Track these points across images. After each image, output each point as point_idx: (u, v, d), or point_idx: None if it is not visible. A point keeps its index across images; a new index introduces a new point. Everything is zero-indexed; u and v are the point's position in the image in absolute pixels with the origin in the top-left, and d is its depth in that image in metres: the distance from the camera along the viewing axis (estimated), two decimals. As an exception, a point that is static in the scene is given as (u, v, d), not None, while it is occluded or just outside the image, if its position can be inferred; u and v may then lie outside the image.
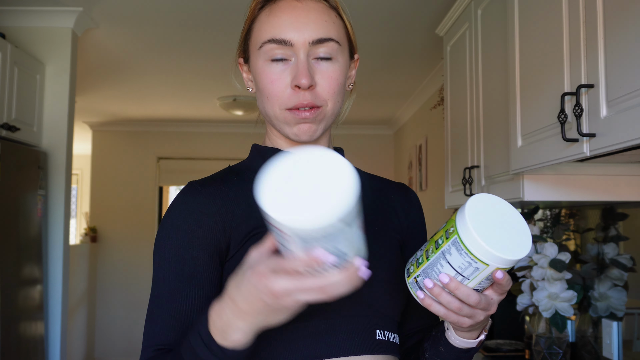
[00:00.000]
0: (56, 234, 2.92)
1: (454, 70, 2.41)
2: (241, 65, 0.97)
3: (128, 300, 5.97)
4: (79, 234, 7.51)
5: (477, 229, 0.70)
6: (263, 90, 0.88)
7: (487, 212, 0.73)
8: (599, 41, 1.16)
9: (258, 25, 0.90)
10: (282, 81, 0.86)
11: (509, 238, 0.72)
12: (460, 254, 0.71)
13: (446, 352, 0.87)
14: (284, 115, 0.87)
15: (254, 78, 0.92)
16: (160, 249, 0.84)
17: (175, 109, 5.41)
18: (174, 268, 0.82)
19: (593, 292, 1.90)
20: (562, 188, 1.61)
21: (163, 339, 0.81)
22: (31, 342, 2.70)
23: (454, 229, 0.71)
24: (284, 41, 0.85)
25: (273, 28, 0.86)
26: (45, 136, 2.94)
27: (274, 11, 0.88)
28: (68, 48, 2.96)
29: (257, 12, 0.91)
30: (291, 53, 0.86)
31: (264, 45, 0.87)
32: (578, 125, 1.20)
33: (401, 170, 5.59)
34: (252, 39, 0.91)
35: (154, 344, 0.82)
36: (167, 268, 0.83)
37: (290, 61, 0.86)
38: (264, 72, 0.87)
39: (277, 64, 0.86)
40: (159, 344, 0.82)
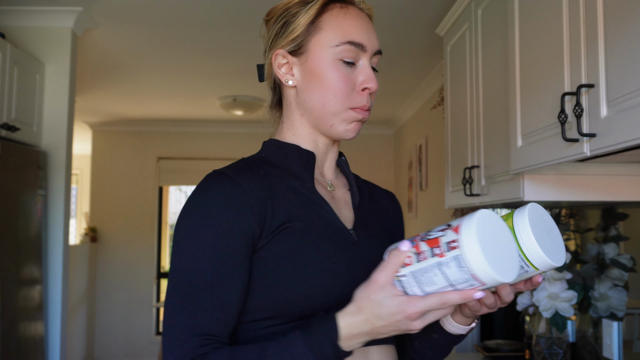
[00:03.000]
0: (56, 234, 2.91)
1: (454, 70, 2.41)
2: (281, 57, 0.94)
3: (128, 300, 5.97)
4: (79, 234, 7.51)
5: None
6: (330, 86, 0.90)
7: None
8: (599, 41, 1.16)
9: (331, 23, 0.91)
10: (350, 82, 0.91)
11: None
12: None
13: (439, 338, 0.93)
14: (347, 113, 0.91)
15: (312, 74, 0.92)
16: (194, 237, 0.82)
17: (175, 109, 5.41)
18: (214, 258, 0.82)
19: (593, 292, 1.90)
20: (562, 188, 1.60)
21: (208, 329, 0.80)
22: (31, 342, 2.70)
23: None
24: (361, 45, 0.91)
25: (351, 31, 0.90)
26: (45, 136, 2.93)
27: (348, 14, 0.92)
28: (68, 48, 2.96)
29: (324, 9, 0.92)
30: (359, 58, 0.91)
31: (341, 45, 0.90)
32: (578, 125, 1.20)
33: (401, 170, 5.59)
34: (321, 36, 0.91)
35: (199, 333, 0.80)
36: (205, 257, 0.81)
37: (356, 66, 0.92)
38: (335, 70, 0.90)
39: (346, 66, 0.91)
40: (205, 334, 0.80)
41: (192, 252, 0.82)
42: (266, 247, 0.84)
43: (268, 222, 0.84)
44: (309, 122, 0.95)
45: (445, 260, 0.71)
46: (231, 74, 4.16)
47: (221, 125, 6.08)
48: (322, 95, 0.91)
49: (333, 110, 0.91)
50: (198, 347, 0.80)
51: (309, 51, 0.92)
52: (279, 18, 0.95)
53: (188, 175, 6.25)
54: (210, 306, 0.81)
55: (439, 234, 0.73)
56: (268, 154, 0.95)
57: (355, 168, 1.44)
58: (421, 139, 4.57)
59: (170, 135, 6.13)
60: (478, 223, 0.71)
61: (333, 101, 0.90)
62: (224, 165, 0.93)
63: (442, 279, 0.72)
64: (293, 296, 0.83)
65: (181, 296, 0.82)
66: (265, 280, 0.83)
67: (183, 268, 0.82)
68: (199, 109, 5.41)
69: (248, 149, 1.03)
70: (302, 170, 0.93)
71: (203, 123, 6.03)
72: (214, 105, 5.13)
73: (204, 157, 6.16)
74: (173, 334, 0.81)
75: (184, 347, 0.80)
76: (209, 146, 6.14)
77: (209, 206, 0.83)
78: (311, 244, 0.85)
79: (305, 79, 0.92)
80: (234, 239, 0.82)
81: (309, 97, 0.92)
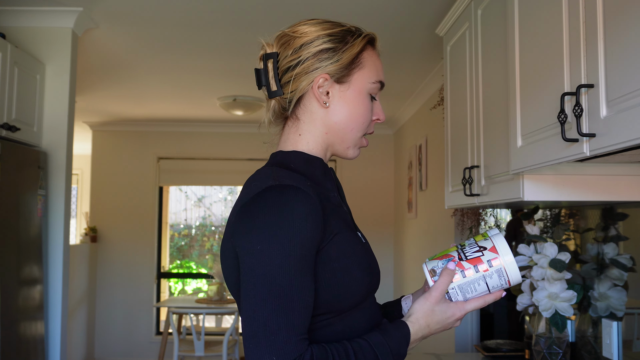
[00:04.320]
0: (56, 234, 2.92)
1: (454, 70, 2.41)
2: (324, 80, 1.05)
3: (128, 300, 5.97)
4: (79, 234, 7.51)
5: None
6: (361, 116, 1.08)
7: None
8: (599, 41, 1.16)
9: (370, 61, 1.08)
10: (371, 113, 1.10)
11: None
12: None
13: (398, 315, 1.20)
14: (360, 140, 1.11)
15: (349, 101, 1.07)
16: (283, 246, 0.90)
17: (175, 109, 5.41)
18: (301, 266, 0.91)
19: (593, 292, 1.90)
20: (562, 188, 1.61)
21: (303, 329, 0.91)
22: (31, 342, 2.70)
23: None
24: (383, 85, 1.11)
25: (381, 72, 1.10)
26: (45, 136, 2.94)
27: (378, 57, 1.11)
28: (68, 48, 2.96)
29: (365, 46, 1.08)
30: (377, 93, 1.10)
31: (375, 83, 1.08)
32: (578, 125, 1.20)
33: (401, 170, 5.59)
34: (364, 71, 1.07)
35: (298, 333, 0.90)
36: (294, 265, 0.90)
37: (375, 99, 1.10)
38: (366, 103, 1.08)
39: (370, 99, 1.09)
40: (302, 333, 0.90)
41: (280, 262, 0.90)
42: (322, 252, 0.96)
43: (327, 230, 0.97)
44: (328, 140, 1.09)
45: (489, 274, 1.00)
46: (231, 74, 4.16)
47: (221, 125, 6.08)
48: (352, 122, 1.07)
49: (357, 135, 1.09)
50: (300, 346, 0.89)
51: (351, 82, 1.06)
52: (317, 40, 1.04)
53: (188, 175, 6.25)
54: (301, 308, 0.91)
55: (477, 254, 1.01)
56: (297, 165, 1.05)
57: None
58: (421, 139, 4.57)
59: (170, 135, 6.13)
60: (505, 242, 1.01)
61: (358, 128, 1.08)
62: (223, 164, 0.98)
63: (483, 287, 1.01)
64: (345, 293, 0.98)
65: (276, 302, 0.89)
66: (322, 281, 0.96)
67: (273, 275, 0.90)
68: (199, 109, 5.41)
69: (248, 149, 1.06)
70: (325, 180, 1.07)
71: (203, 123, 6.03)
72: (214, 105, 5.13)
73: (204, 157, 6.16)
74: (274, 337, 0.88)
75: (288, 347, 0.88)
76: (209, 146, 6.14)
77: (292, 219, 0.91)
78: (351, 248, 1.01)
79: (340, 104, 1.06)
80: (312, 248, 0.93)
81: (340, 120, 1.07)
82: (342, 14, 2.97)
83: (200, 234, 8.43)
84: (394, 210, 5.98)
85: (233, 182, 6.54)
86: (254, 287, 0.90)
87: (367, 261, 1.03)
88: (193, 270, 8.31)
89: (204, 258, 8.31)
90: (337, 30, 1.06)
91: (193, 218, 8.46)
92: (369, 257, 1.05)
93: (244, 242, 0.93)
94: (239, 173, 6.15)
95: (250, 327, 0.89)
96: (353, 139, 1.09)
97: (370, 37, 1.09)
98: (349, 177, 5.84)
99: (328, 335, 0.98)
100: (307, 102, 1.07)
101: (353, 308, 1.00)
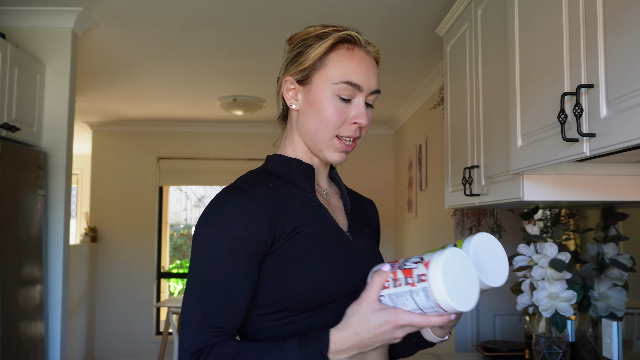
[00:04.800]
0: (56, 234, 2.92)
1: (454, 70, 2.42)
2: (289, 83, 1.08)
3: (128, 300, 5.97)
4: (79, 234, 7.51)
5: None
6: (324, 117, 1.04)
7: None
8: (599, 41, 1.16)
9: (335, 62, 1.04)
10: (343, 115, 1.04)
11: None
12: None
13: (417, 343, 1.10)
14: (333, 142, 1.05)
15: (311, 103, 1.05)
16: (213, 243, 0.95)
17: (175, 109, 5.41)
18: (229, 261, 0.94)
19: (593, 292, 1.90)
20: (562, 188, 1.61)
21: (219, 322, 0.93)
22: (31, 342, 2.70)
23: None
24: (357, 86, 1.04)
25: (351, 72, 1.03)
26: (45, 136, 2.94)
27: (351, 57, 1.04)
28: (68, 48, 2.96)
29: (329, 50, 1.05)
30: (355, 95, 1.04)
31: (340, 84, 1.03)
32: (578, 125, 1.20)
33: (401, 170, 5.59)
34: (324, 72, 1.04)
35: (211, 326, 0.92)
36: (222, 260, 0.94)
37: (352, 102, 1.04)
38: (331, 104, 1.03)
39: (341, 101, 1.04)
40: (217, 327, 0.93)
41: (209, 256, 0.95)
42: (278, 251, 0.97)
43: (279, 229, 0.97)
44: (306, 143, 1.09)
45: (415, 290, 0.85)
46: (231, 74, 4.16)
47: (221, 125, 6.08)
48: (316, 124, 1.05)
49: (323, 138, 1.05)
50: (210, 337, 0.92)
51: (312, 83, 1.05)
52: (295, 46, 1.08)
53: (188, 175, 6.25)
54: (222, 304, 0.93)
55: (413, 265, 0.87)
56: (274, 167, 1.09)
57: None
58: (421, 139, 4.57)
59: (170, 135, 6.13)
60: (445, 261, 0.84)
61: (324, 130, 1.04)
62: (223, 164, 1.00)
63: (412, 304, 0.86)
64: (303, 291, 0.96)
65: (198, 293, 0.94)
66: (279, 278, 0.97)
67: (201, 269, 0.95)
68: (199, 109, 5.41)
69: (248, 149, 1.09)
70: (304, 181, 1.08)
71: (203, 123, 6.02)
72: (214, 105, 5.13)
73: (204, 157, 6.16)
74: (190, 324, 0.93)
75: (198, 337, 0.92)
76: (209, 146, 6.14)
77: (227, 217, 0.95)
78: (317, 246, 1.00)
79: (305, 106, 1.06)
80: (247, 246, 0.95)
81: (306, 122, 1.06)
82: (342, 14, 2.97)
83: (200, 234, 8.41)
84: (394, 210, 5.98)
85: (233, 182, 6.53)
86: (188, 277, 0.97)
87: (336, 262, 1.00)
88: (193, 270, 8.29)
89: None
90: (315, 34, 1.06)
91: (193, 218, 8.46)
92: (341, 258, 1.01)
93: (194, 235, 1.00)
94: (239, 173, 6.02)
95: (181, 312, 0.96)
96: (322, 141, 1.05)
97: (343, 36, 1.05)
98: (349, 176, 5.83)
99: (292, 333, 0.97)
100: (288, 106, 1.12)
101: (319, 308, 0.98)
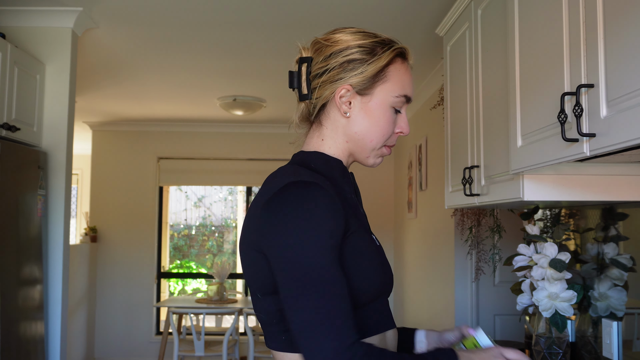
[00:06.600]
0: (56, 234, 2.92)
1: (454, 70, 2.41)
2: (346, 91, 1.07)
3: (128, 300, 5.97)
4: (79, 234, 7.51)
5: None
6: (382, 127, 1.08)
7: None
8: (599, 41, 1.16)
9: (395, 75, 1.08)
10: (393, 126, 1.10)
11: None
12: None
13: None
14: (380, 150, 1.11)
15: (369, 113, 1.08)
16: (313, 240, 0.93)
17: (175, 109, 5.41)
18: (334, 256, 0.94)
19: (593, 292, 1.90)
20: (562, 188, 1.61)
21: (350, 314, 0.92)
22: (31, 342, 2.70)
23: None
24: (409, 99, 1.10)
25: (408, 87, 1.10)
26: (45, 136, 2.94)
27: (408, 71, 1.11)
28: (68, 48, 2.96)
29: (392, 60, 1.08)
30: (403, 107, 1.11)
31: (399, 97, 1.08)
32: (578, 125, 1.20)
33: (401, 170, 5.59)
34: (387, 85, 1.08)
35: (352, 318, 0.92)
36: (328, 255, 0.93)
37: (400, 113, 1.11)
38: (389, 115, 1.09)
39: (394, 112, 1.09)
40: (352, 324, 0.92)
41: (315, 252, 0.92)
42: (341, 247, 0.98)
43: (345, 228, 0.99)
44: (349, 148, 1.11)
45: None
46: (231, 74, 4.16)
47: (221, 125, 6.08)
48: (372, 132, 1.09)
49: (376, 145, 1.10)
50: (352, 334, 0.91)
51: (373, 95, 1.08)
52: (346, 51, 1.07)
53: (188, 175, 6.25)
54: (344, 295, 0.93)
55: None
56: (317, 165, 1.09)
57: (354, 168, 1.48)
58: (421, 139, 4.57)
59: (170, 135, 6.13)
60: None
61: (379, 139, 1.09)
62: (223, 164, 1.00)
63: None
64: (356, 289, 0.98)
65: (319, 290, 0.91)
66: None
67: (312, 266, 0.92)
68: (199, 109, 5.41)
69: (248, 149, 1.08)
70: (343, 182, 1.10)
71: (203, 123, 6.02)
72: (214, 105, 5.13)
73: (204, 157, 6.16)
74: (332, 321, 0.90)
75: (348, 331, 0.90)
76: (209, 146, 6.14)
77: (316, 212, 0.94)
78: (368, 245, 1.04)
79: (361, 115, 1.08)
80: (339, 239, 0.96)
81: (360, 130, 1.09)
82: (343, 13, 2.97)
83: (200, 234, 8.43)
84: (394, 210, 5.98)
85: (233, 182, 6.53)
86: (294, 279, 0.92)
87: (380, 262, 1.05)
88: (193, 270, 8.31)
89: (203, 258, 8.32)
90: (368, 41, 1.07)
91: (193, 218, 8.46)
92: (381, 259, 1.07)
93: (274, 236, 0.95)
94: (239, 173, 6.15)
95: (302, 317, 0.90)
96: (372, 149, 1.10)
97: (400, 50, 1.09)
98: (349, 177, 5.83)
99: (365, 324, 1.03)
100: (330, 110, 1.11)
101: (362, 306, 1.02)
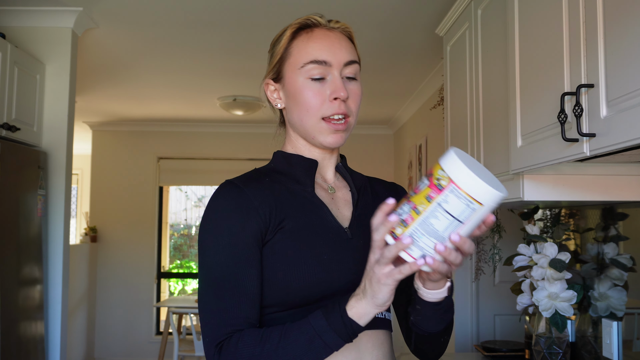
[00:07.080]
0: (56, 234, 2.92)
1: (454, 70, 2.42)
2: (268, 85, 1.10)
3: (128, 300, 5.97)
4: (79, 234, 7.51)
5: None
6: (304, 103, 1.03)
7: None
8: (599, 41, 1.16)
9: (297, 49, 1.05)
10: (322, 95, 1.02)
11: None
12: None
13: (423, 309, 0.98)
14: (320, 126, 1.03)
15: (290, 95, 1.06)
16: (213, 237, 0.97)
17: (175, 109, 5.41)
18: (233, 252, 0.96)
19: (593, 292, 1.90)
20: (562, 188, 1.61)
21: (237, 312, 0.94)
22: (31, 342, 2.70)
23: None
24: (324, 62, 1.02)
25: (314, 51, 1.03)
26: (45, 136, 2.93)
27: (312, 38, 1.05)
28: (68, 48, 2.96)
29: (291, 40, 1.06)
30: (327, 72, 1.03)
31: (305, 66, 1.03)
32: (578, 125, 1.20)
33: (401, 170, 5.59)
34: (291, 61, 1.05)
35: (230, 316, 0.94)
36: (225, 252, 0.96)
37: (326, 80, 1.03)
38: (306, 88, 1.03)
39: (316, 82, 1.03)
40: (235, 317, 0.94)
41: (213, 250, 0.97)
42: (266, 246, 0.98)
43: (272, 221, 0.98)
44: (300, 136, 1.08)
45: (442, 198, 0.76)
46: (231, 74, 4.16)
47: (221, 125, 6.08)
48: (299, 113, 1.05)
49: (310, 124, 1.04)
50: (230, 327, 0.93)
51: (284, 76, 1.06)
52: (269, 50, 1.11)
53: (188, 175, 6.25)
54: (235, 293, 0.95)
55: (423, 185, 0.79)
56: (276, 163, 1.10)
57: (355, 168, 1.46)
58: (421, 139, 4.57)
59: (170, 135, 6.13)
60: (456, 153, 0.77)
61: (307, 116, 1.03)
62: (223, 164, 1.01)
63: (444, 217, 0.77)
64: (287, 288, 0.96)
65: (211, 288, 0.96)
66: (266, 273, 0.97)
67: (208, 264, 0.98)
68: (199, 109, 5.41)
69: (248, 149, 1.10)
70: (304, 176, 1.06)
71: (203, 123, 6.02)
72: (214, 105, 5.13)
73: (204, 157, 6.16)
74: (209, 320, 0.95)
75: (219, 329, 0.94)
76: (209, 146, 6.14)
77: (222, 211, 0.98)
78: (305, 242, 0.98)
79: (287, 100, 1.07)
80: (244, 235, 0.96)
81: (292, 115, 1.07)
82: (342, 14, 2.97)
83: (200, 234, 8.41)
84: (394, 210, 5.97)
85: (233, 182, 6.53)
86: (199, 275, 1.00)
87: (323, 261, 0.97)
88: (193, 270, 8.31)
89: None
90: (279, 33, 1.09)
91: (193, 218, 8.46)
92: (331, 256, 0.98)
93: None
94: (239, 173, 6.02)
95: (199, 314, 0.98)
96: (311, 127, 1.04)
97: (299, 24, 1.06)
98: (349, 177, 5.83)
99: None
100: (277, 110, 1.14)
101: (305, 305, 0.96)
